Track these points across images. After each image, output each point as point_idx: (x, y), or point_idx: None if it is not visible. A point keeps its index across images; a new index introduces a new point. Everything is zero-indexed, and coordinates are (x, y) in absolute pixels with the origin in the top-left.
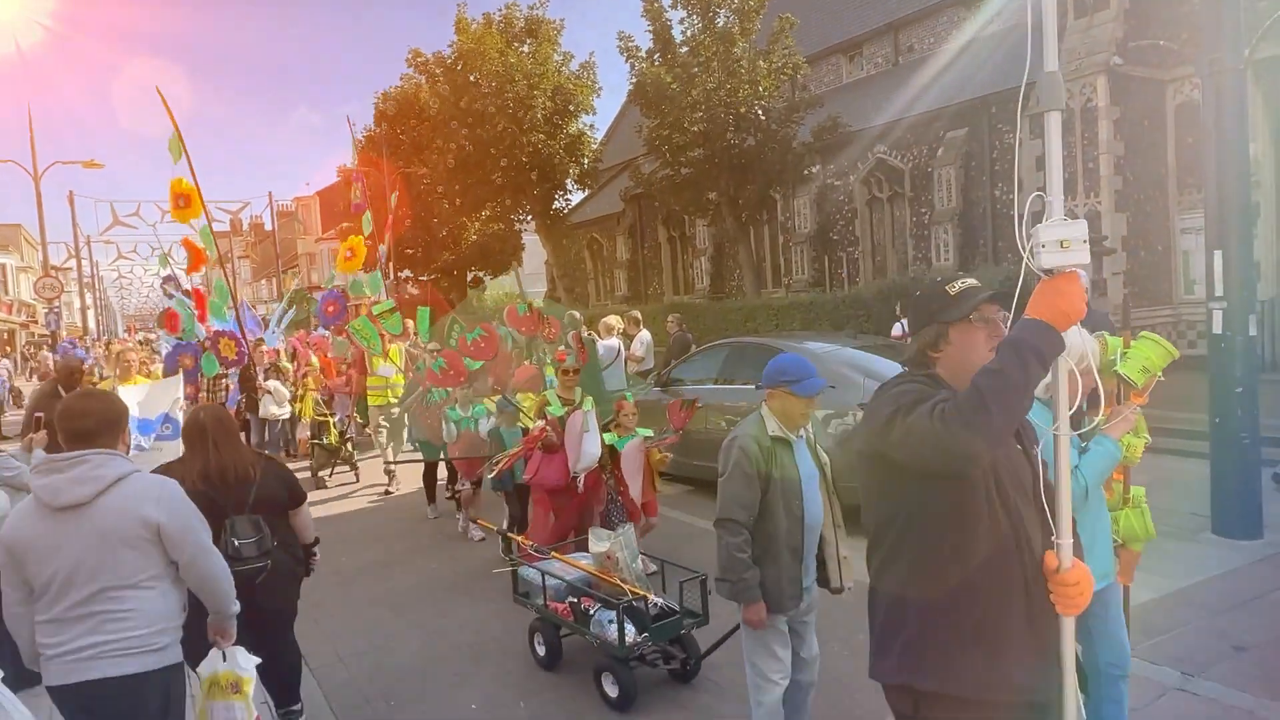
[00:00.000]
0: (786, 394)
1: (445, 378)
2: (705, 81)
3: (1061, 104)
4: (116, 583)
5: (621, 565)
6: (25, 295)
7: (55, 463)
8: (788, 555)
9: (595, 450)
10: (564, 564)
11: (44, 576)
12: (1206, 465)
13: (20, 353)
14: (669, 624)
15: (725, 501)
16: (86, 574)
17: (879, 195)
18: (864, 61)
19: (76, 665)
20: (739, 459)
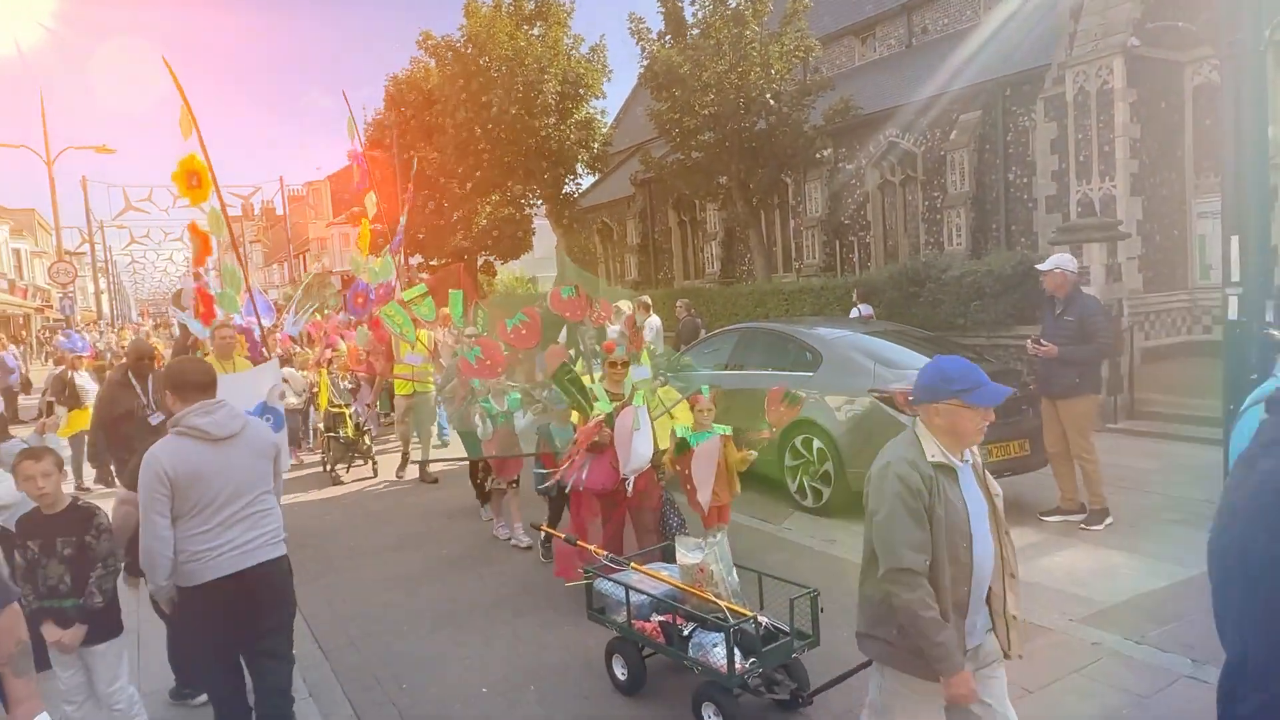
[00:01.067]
0: (958, 406)
1: (481, 368)
2: (717, 64)
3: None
4: (263, 489)
5: (717, 579)
6: (40, 280)
7: (208, 406)
8: (954, 612)
9: (647, 450)
10: (646, 577)
11: (212, 493)
12: (1220, 452)
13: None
14: (779, 647)
15: (892, 546)
16: (248, 484)
17: (891, 179)
18: (877, 43)
19: (243, 556)
20: (898, 491)
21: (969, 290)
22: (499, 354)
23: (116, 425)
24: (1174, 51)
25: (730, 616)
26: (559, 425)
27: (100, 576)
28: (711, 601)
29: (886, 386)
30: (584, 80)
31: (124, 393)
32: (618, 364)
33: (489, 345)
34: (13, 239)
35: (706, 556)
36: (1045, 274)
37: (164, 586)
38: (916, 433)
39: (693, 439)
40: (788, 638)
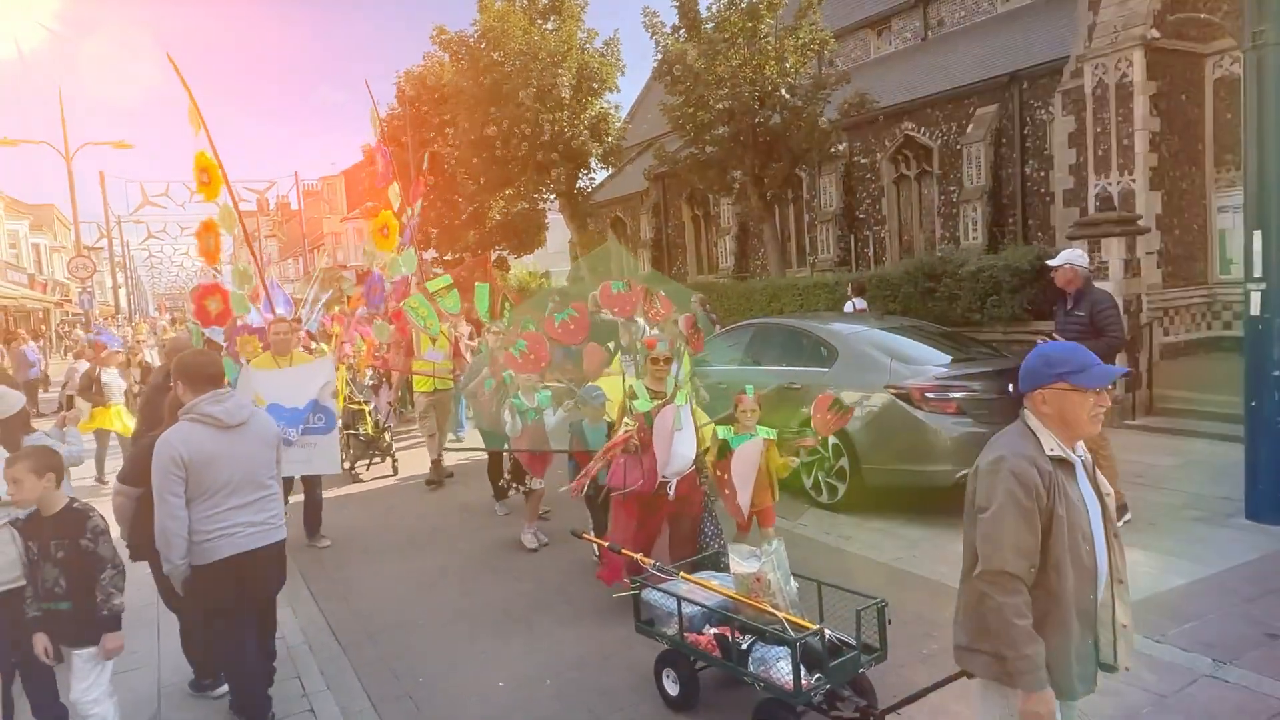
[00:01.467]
0: (1066, 390)
1: (526, 362)
2: (731, 58)
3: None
4: (269, 475)
5: (774, 589)
6: (59, 275)
7: (219, 395)
8: (1078, 621)
9: (689, 451)
10: (696, 586)
11: (224, 477)
12: (1240, 449)
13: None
14: (847, 662)
15: (995, 547)
16: (255, 469)
17: (906, 173)
18: (892, 36)
19: (251, 537)
20: (1012, 489)
21: (985, 285)
22: (544, 349)
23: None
24: (1195, 44)
25: (791, 629)
26: (591, 423)
27: (111, 577)
28: (769, 613)
29: (902, 382)
30: (598, 75)
31: (165, 397)
32: (660, 360)
33: (534, 339)
34: (32, 234)
35: (763, 565)
36: (1055, 270)
37: (179, 565)
38: (1029, 425)
39: (734, 440)
40: (854, 652)
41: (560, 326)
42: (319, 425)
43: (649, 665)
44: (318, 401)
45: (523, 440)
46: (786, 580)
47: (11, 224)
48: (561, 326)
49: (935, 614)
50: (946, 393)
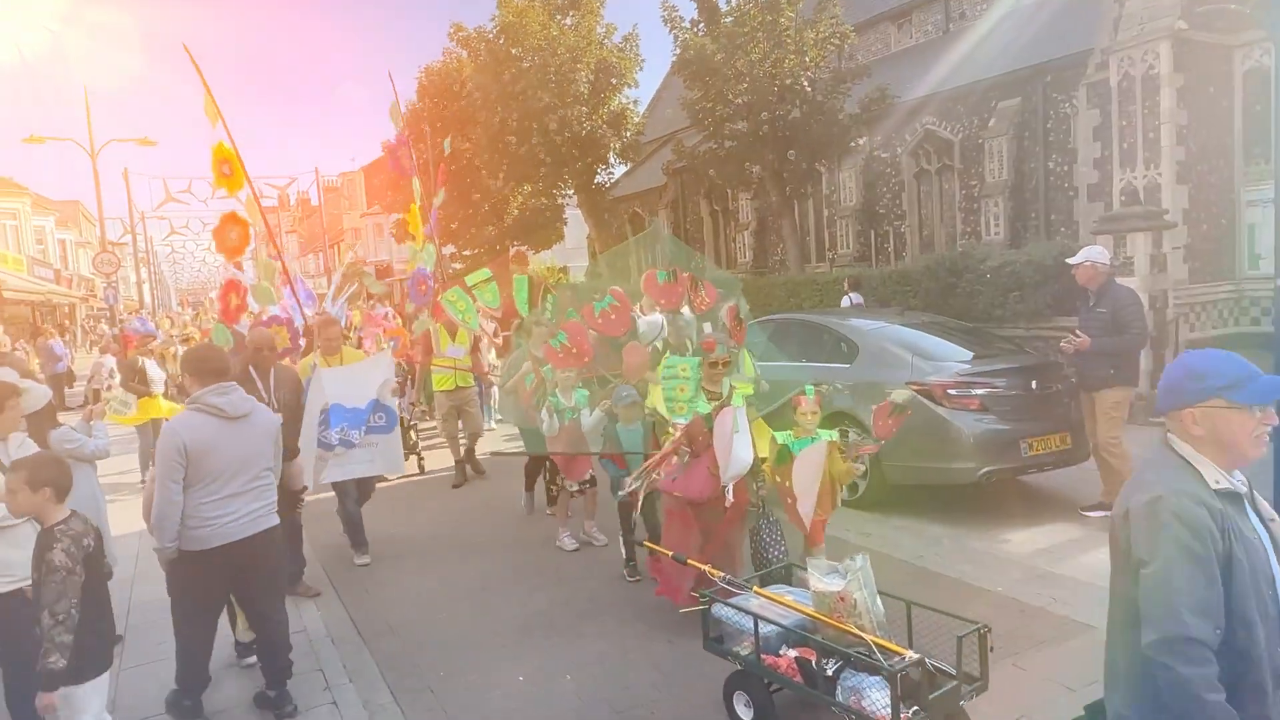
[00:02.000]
0: (1222, 408)
1: (567, 357)
2: (750, 52)
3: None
4: (266, 465)
5: (861, 610)
6: (84, 270)
7: (224, 388)
8: (1271, 682)
9: (747, 455)
10: (770, 602)
11: (221, 465)
12: (1270, 448)
13: (80, 326)
14: (948, 693)
15: (1169, 610)
16: (253, 460)
17: (927, 167)
18: (913, 29)
19: (248, 524)
20: (1179, 536)
21: (1007, 281)
22: (586, 341)
23: None
24: (1223, 35)
25: (880, 653)
26: (626, 425)
27: (51, 628)
28: (854, 635)
29: (924, 379)
30: (616, 69)
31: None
32: (718, 363)
33: (575, 331)
34: (59, 230)
35: (849, 584)
36: (1075, 267)
37: (168, 548)
38: (1181, 453)
39: (795, 445)
40: (955, 682)
41: (601, 316)
42: (380, 424)
43: (671, 661)
44: (377, 400)
45: (559, 440)
46: (874, 600)
47: (38, 220)
48: (602, 316)
49: (960, 614)
50: (969, 389)
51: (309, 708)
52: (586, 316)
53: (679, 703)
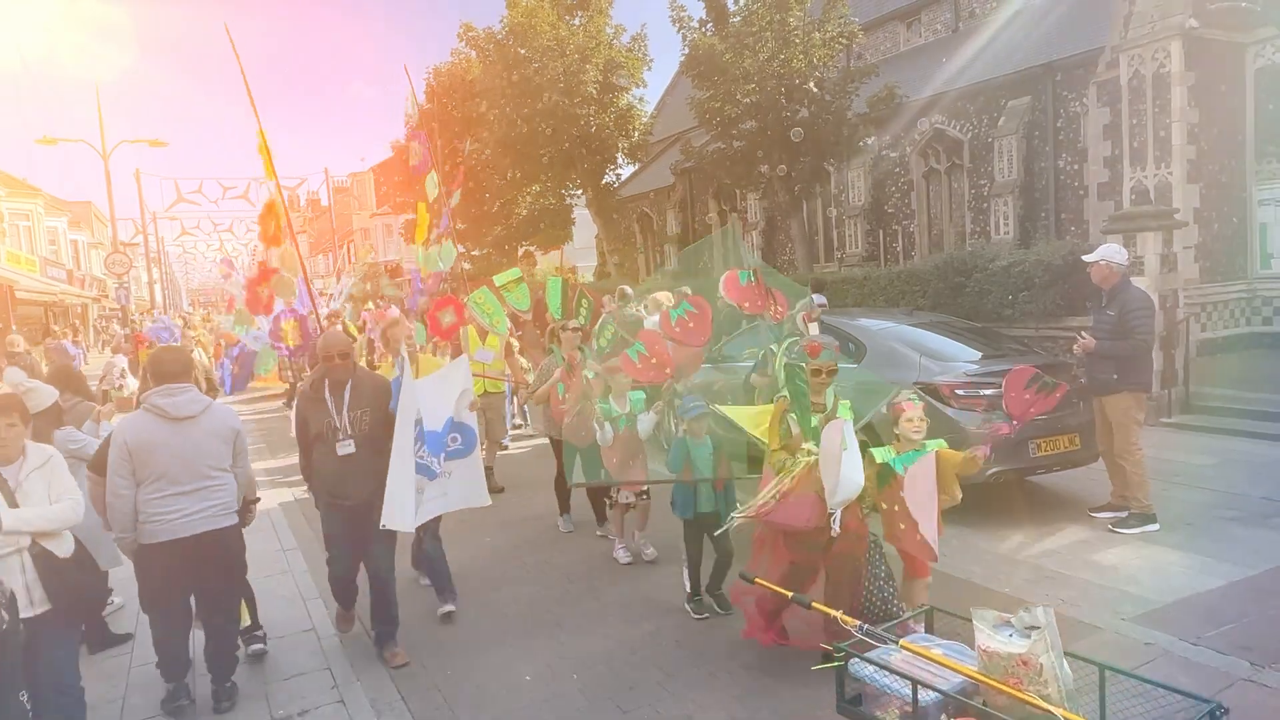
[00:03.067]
0: None
1: (648, 369)
2: (758, 52)
3: None
4: (213, 467)
5: (1047, 676)
6: (96, 271)
7: (170, 390)
8: None
9: (858, 476)
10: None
11: (165, 464)
12: (1279, 448)
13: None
14: None
15: None
16: (200, 461)
17: (936, 167)
18: (922, 28)
19: (197, 522)
20: None
21: (1017, 280)
22: (666, 351)
23: (308, 451)
24: (1235, 33)
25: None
26: (697, 443)
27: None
28: (1038, 706)
29: (932, 378)
30: (625, 69)
31: (315, 410)
32: (823, 371)
33: (653, 340)
34: (71, 230)
35: (1034, 644)
36: (1090, 265)
37: (125, 538)
38: None
39: (898, 461)
40: None
41: (679, 324)
42: (458, 448)
43: (677, 661)
44: (453, 419)
45: (615, 452)
46: (1061, 664)
47: (51, 221)
48: (680, 325)
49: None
50: (977, 390)
51: (316, 706)
52: (663, 324)
53: (685, 703)
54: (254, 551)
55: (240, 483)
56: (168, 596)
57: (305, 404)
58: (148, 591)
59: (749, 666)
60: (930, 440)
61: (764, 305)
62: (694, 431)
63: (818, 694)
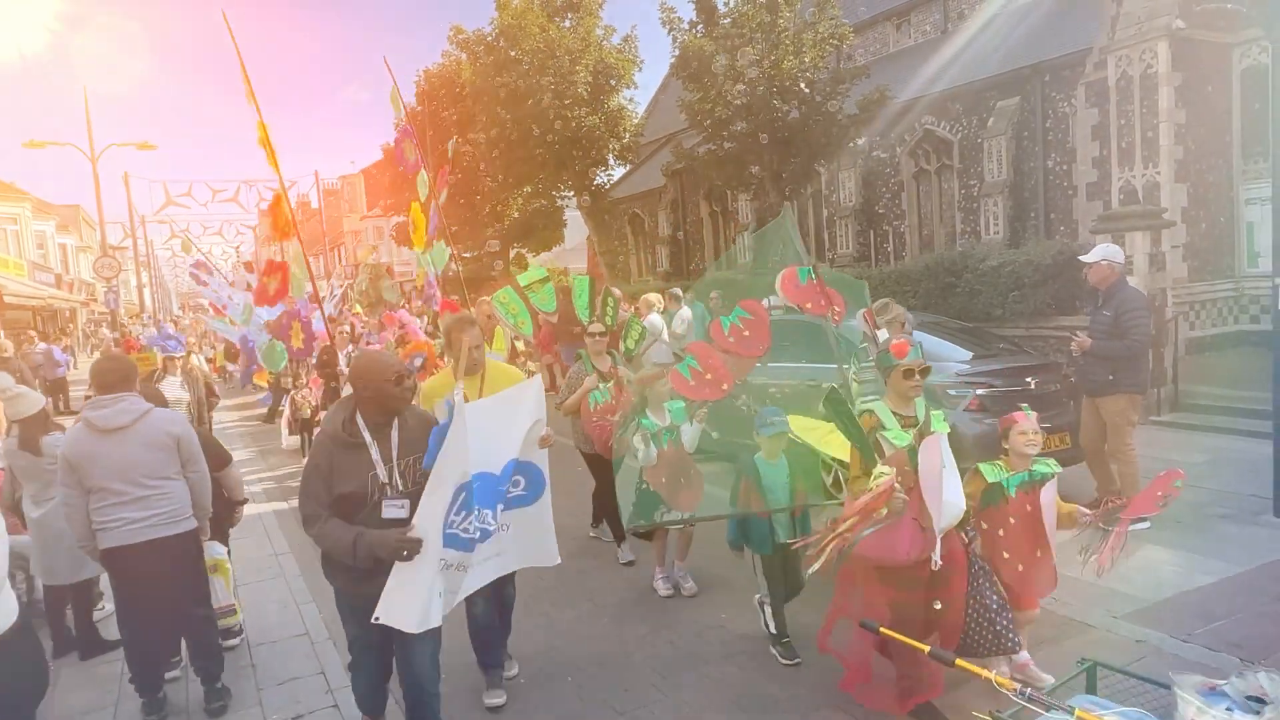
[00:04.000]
0: None
1: (703, 386)
2: (749, 53)
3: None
4: (150, 477)
5: None
6: (85, 275)
7: (101, 401)
8: None
9: (960, 499)
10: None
11: (100, 475)
12: (1269, 445)
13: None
14: None
15: None
16: (138, 470)
17: (926, 167)
18: (912, 29)
19: (139, 530)
20: None
21: (1007, 280)
22: (721, 365)
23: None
24: (1221, 33)
25: None
26: (769, 463)
27: None
28: None
29: None
30: (615, 71)
31: (348, 459)
32: (915, 372)
33: (705, 354)
34: (59, 234)
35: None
36: (1089, 266)
37: (85, 546)
38: None
39: (1009, 481)
40: None
41: (732, 334)
42: (520, 494)
43: (672, 663)
44: (518, 460)
45: (661, 471)
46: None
47: (39, 225)
48: (734, 334)
49: None
50: (968, 389)
51: (311, 710)
52: (715, 335)
53: (680, 705)
54: (246, 556)
55: (194, 488)
56: (129, 603)
57: (332, 449)
58: (116, 598)
59: (744, 668)
60: (1043, 461)
61: (824, 306)
62: (770, 452)
63: (812, 695)
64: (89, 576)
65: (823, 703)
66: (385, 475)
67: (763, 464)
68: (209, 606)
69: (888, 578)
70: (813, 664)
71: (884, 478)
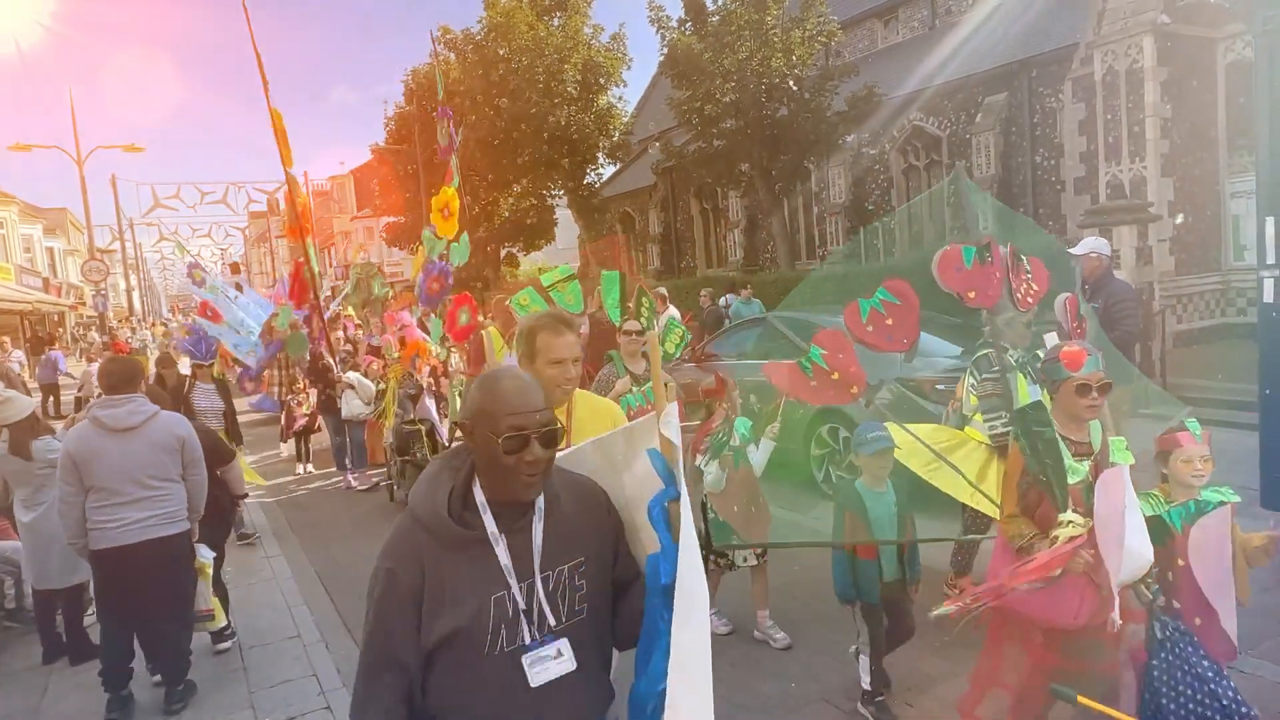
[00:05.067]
0: None
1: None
2: (737, 51)
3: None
4: (154, 478)
5: None
6: (73, 278)
7: (112, 401)
8: None
9: (1146, 547)
10: None
11: (106, 475)
12: (1255, 437)
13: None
14: None
15: None
16: (142, 471)
17: (915, 163)
18: (899, 26)
19: (137, 531)
20: None
21: None
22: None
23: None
24: (1206, 28)
25: None
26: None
27: None
28: None
29: (913, 374)
30: (604, 69)
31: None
32: (1092, 388)
33: (838, 345)
34: (46, 238)
35: None
36: (1078, 258)
37: (77, 544)
38: None
39: (1175, 516)
40: None
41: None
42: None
43: None
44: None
45: (733, 497)
46: None
47: (26, 228)
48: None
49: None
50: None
51: (303, 713)
52: (851, 322)
53: None
54: (238, 558)
55: (192, 491)
56: (114, 602)
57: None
58: (98, 597)
59: (734, 664)
60: (1214, 489)
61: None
62: (875, 475)
63: (803, 689)
64: (81, 580)
65: (814, 697)
66: (523, 599)
67: (866, 492)
68: (190, 609)
69: (1056, 643)
70: (806, 658)
71: (1072, 529)
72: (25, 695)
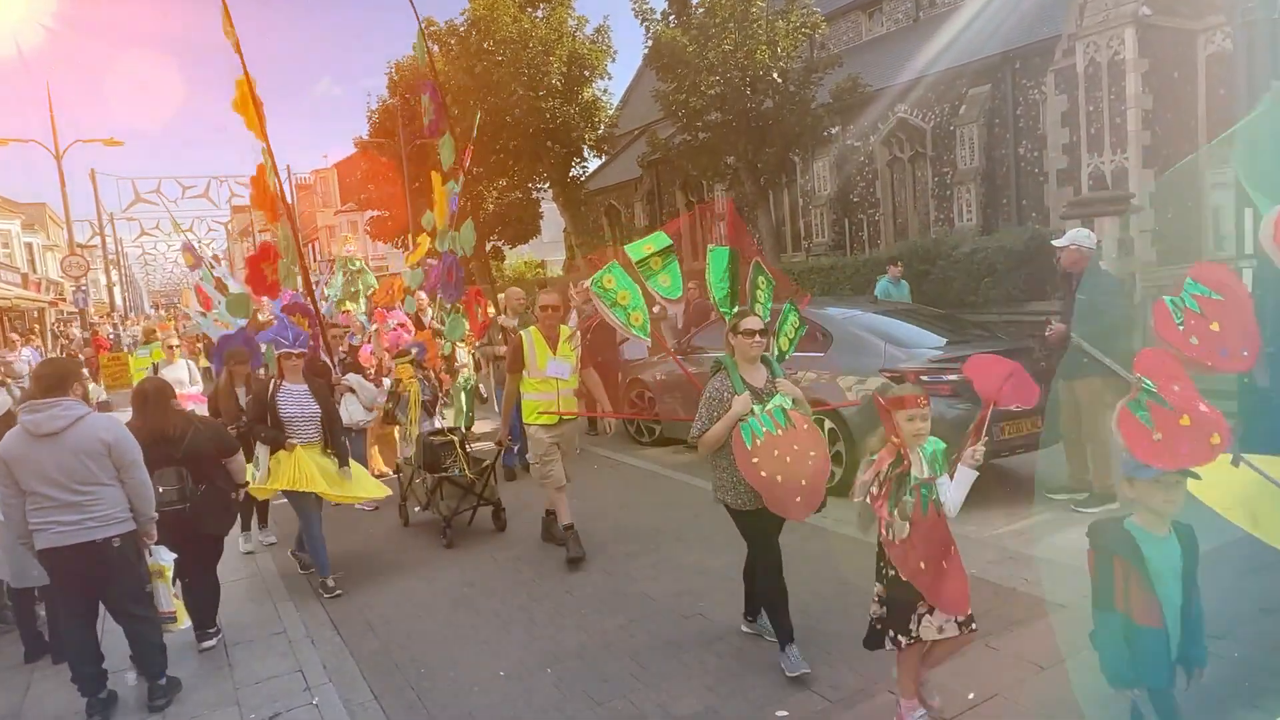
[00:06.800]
0: None
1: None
2: (722, 43)
3: None
4: (81, 483)
5: None
6: (53, 274)
7: (35, 405)
8: None
9: None
10: None
11: (33, 478)
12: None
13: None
14: None
15: None
16: (69, 475)
17: (900, 155)
18: (884, 18)
19: (71, 534)
20: None
21: (980, 267)
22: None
23: None
24: (1186, 20)
25: None
26: (1155, 534)
27: None
28: None
29: (897, 365)
30: (589, 62)
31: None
32: None
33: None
34: (25, 233)
35: None
36: (1061, 250)
37: (25, 543)
38: None
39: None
40: None
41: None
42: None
43: (650, 652)
44: None
45: (918, 551)
46: None
47: (3, 224)
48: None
49: None
50: (941, 375)
51: (289, 708)
52: (1164, 329)
53: (658, 693)
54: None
55: (132, 493)
56: (65, 602)
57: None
58: (47, 595)
59: (721, 656)
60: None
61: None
62: (1158, 512)
63: (792, 681)
64: None
65: (802, 687)
66: None
67: (1141, 534)
68: (149, 608)
69: None
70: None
71: None
72: (7, 695)
